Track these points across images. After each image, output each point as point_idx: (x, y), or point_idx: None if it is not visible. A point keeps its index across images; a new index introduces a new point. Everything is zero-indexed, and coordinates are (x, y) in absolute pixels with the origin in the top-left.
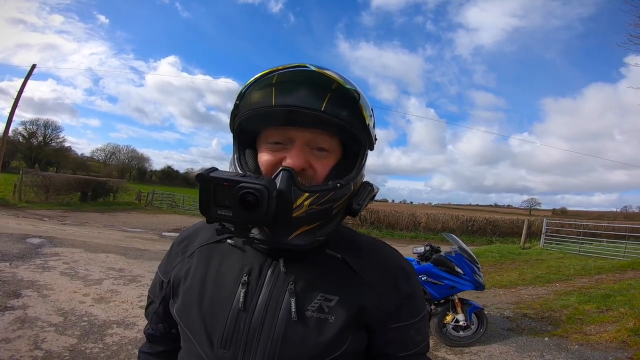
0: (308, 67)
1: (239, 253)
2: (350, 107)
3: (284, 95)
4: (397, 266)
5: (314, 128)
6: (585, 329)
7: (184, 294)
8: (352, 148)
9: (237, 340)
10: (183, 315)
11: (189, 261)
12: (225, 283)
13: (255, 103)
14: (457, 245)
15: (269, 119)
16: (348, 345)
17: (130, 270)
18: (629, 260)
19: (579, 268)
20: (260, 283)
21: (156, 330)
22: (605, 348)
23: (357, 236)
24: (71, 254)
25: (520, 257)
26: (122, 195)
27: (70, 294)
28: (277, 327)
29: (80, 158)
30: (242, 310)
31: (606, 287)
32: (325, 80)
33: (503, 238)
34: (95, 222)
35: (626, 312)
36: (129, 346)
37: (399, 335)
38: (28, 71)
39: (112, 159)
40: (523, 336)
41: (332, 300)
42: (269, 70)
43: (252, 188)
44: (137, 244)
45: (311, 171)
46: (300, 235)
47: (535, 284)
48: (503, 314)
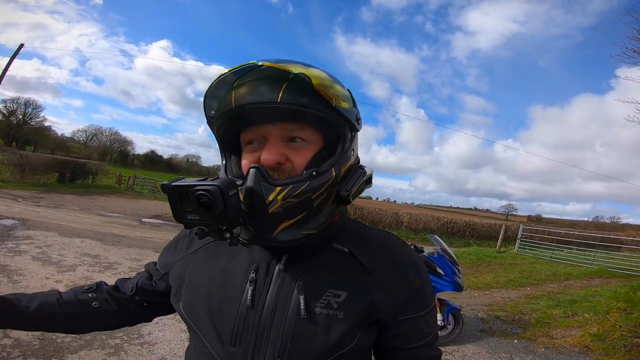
0: (257, 63)
1: (246, 250)
2: (309, 92)
3: (242, 96)
4: (408, 260)
5: (281, 121)
6: (552, 333)
7: (190, 292)
8: (330, 133)
9: (246, 337)
10: (191, 312)
11: (192, 258)
12: (233, 280)
13: (219, 109)
14: (440, 246)
15: (238, 121)
16: (357, 341)
17: (107, 256)
18: (597, 267)
19: (549, 273)
20: (268, 280)
21: (123, 285)
22: (569, 352)
23: (364, 229)
24: (45, 237)
25: (495, 260)
26: (102, 178)
27: (42, 280)
28: (287, 324)
29: (60, 138)
30: (250, 308)
31: (573, 292)
32: (278, 72)
33: (480, 241)
34: (72, 204)
35: (590, 317)
36: (103, 335)
37: (408, 328)
38: (15, 50)
39: (93, 140)
40: (494, 338)
41: (341, 296)
42: (220, 75)
43: (203, 190)
44: (115, 230)
45: (289, 164)
46: (285, 231)
47: (508, 287)
48: (477, 315)
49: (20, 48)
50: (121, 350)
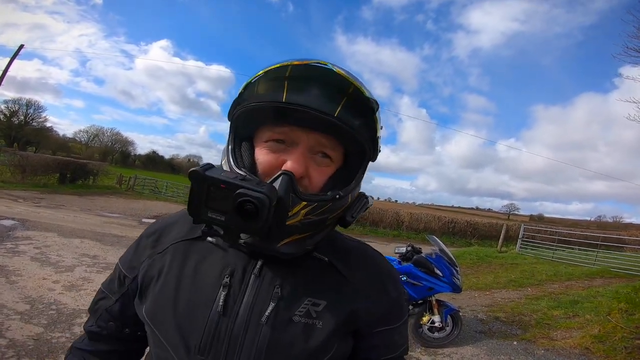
0: (327, 64)
1: (220, 252)
2: (364, 117)
3: (297, 92)
4: (385, 271)
5: (320, 133)
6: (552, 334)
7: (156, 295)
8: (355, 157)
9: (217, 346)
10: (155, 318)
11: (161, 258)
12: (204, 284)
13: (263, 95)
14: (438, 247)
15: (275, 115)
16: (335, 351)
17: (105, 257)
18: (599, 268)
19: (550, 274)
20: (244, 286)
21: (102, 329)
22: (569, 354)
23: (343, 240)
24: (44, 238)
25: (496, 260)
26: (103, 178)
27: (40, 281)
28: (262, 334)
29: (61, 139)
30: (223, 315)
31: (575, 293)
32: (342, 83)
33: (482, 241)
34: (72, 205)
35: (591, 318)
36: None
37: (384, 339)
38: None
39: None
40: (494, 339)
41: (320, 304)
42: (283, 63)
43: (252, 196)
44: (114, 230)
45: (307, 180)
46: (290, 244)
47: (509, 287)
48: (477, 316)
49: (20, 49)
50: None
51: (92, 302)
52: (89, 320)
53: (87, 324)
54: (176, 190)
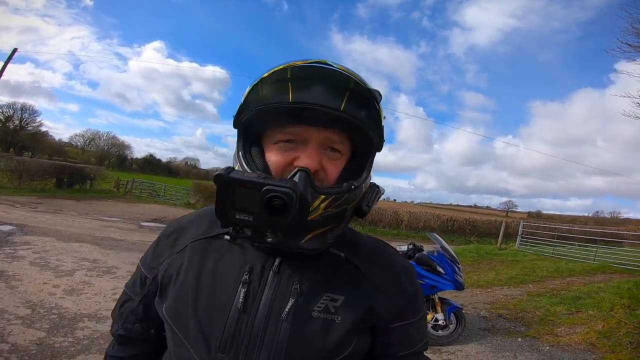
0: (327, 63)
1: (238, 250)
2: (368, 108)
3: (301, 92)
4: (402, 267)
5: (329, 128)
6: (556, 331)
7: (176, 294)
8: (363, 150)
9: (237, 343)
10: (175, 316)
11: (180, 257)
12: (224, 282)
13: (269, 98)
14: (440, 244)
15: (284, 116)
16: (354, 346)
17: (105, 261)
18: (599, 263)
19: (551, 270)
20: (263, 283)
21: (130, 332)
22: (574, 350)
23: (358, 235)
24: (42, 243)
25: (496, 257)
26: (100, 182)
27: (40, 285)
28: (282, 330)
29: (57, 143)
30: (243, 312)
31: (576, 289)
32: (344, 78)
33: (481, 238)
34: (70, 209)
35: (595, 314)
36: (101, 340)
37: (401, 335)
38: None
39: (91, 145)
40: (498, 336)
41: (338, 300)
42: (284, 65)
43: (279, 192)
44: (113, 234)
45: (322, 173)
46: (313, 239)
47: (510, 284)
48: (479, 313)
49: (13, 52)
50: None
51: (116, 305)
52: (114, 325)
53: (114, 328)
54: (174, 193)
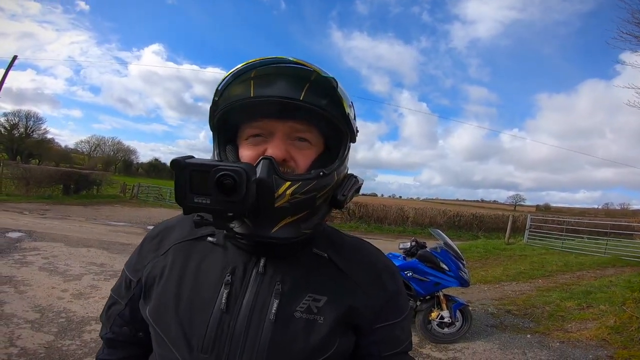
0: (286, 60)
1: (221, 251)
2: (329, 96)
3: (263, 88)
4: (383, 266)
5: (293, 119)
6: (566, 326)
7: (158, 295)
8: (334, 139)
9: (220, 344)
10: (158, 317)
11: (163, 259)
12: (206, 283)
13: (233, 96)
14: (443, 241)
15: (248, 112)
16: (337, 347)
17: (112, 265)
18: (610, 256)
19: (561, 264)
20: (245, 283)
21: (118, 335)
22: (585, 346)
23: (341, 236)
24: (51, 248)
25: (504, 252)
26: (107, 188)
27: (49, 290)
28: (265, 330)
29: (63, 150)
30: (225, 312)
31: (587, 283)
32: (303, 71)
33: (488, 233)
34: (78, 215)
35: (606, 309)
36: None
37: (385, 335)
38: (9, 62)
39: (96, 151)
40: (506, 333)
41: (321, 300)
42: (245, 64)
43: (229, 170)
44: (120, 238)
45: (292, 163)
46: (285, 228)
47: (519, 279)
48: (487, 310)
49: (14, 60)
50: None
51: (104, 308)
52: (103, 328)
53: (102, 331)
54: None
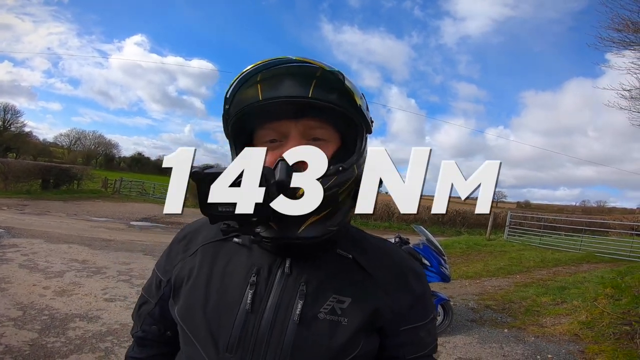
0: (290, 59)
1: (247, 252)
2: (337, 90)
3: (270, 90)
4: (409, 268)
5: (305, 118)
6: (541, 321)
7: (187, 295)
8: (349, 134)
9: (244, 344)
10: (186, 317)
11: (191, 260)
12: (232, 284)
13: (243, 102)
14: (425, 237)
15: (260, 115)
16: (361, 349)
17: (95, 261)
18: (584, 253)
19: (538, 260)
20: (270, 284)
21: (148, 333)
22: (559, 340)
23: (366, 237)
24: (30, 245)
25: (485, 248)
26: (87, 182)
27: (30, 287)
28: (289, 331)
29: (42, 144)
30: (250, 313)
31: (562, 279)
32: (308, 69)
33: (471, 229)
34: (58, 211)
35: (579, 304)
36: (93, 340)
37: (410, 338)
38: None
39: (77, 144)
40: (485, 327)
41: (345, 302)
42: (250, 68)
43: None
44: (102, 234)
45: None
46: (310, 227)
47: (498, 275)
48: (468, 305)
49: None
50: (111, 353)
51: (135, 307)
52: (134, 327)
53: (133, 330)
54: (165, 191)
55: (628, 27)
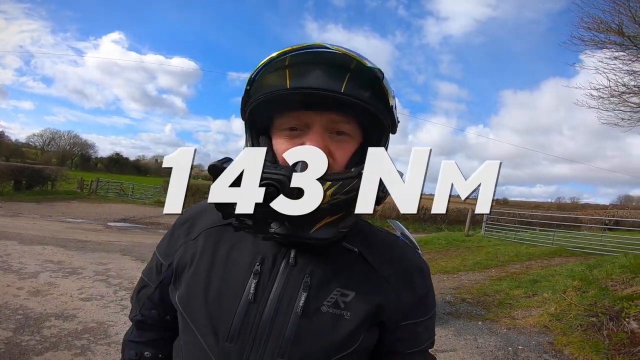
0: (324, 46)
1: (251, 239)
2: (372, 88)
3: (299, 78)
4: (415, 265)
5: (332, 111)
6: (513, 314)
7: (188, 282)
8: (374, 132)
9: (245, 334)
10: (186, 304)
11: (194, 244)
12: (235, 272)
13: (267, 87)
14: (400, 231)
15: (284, 104)
16: (361, 342)
17: (70, 262)
18: (556, 247)
19: (512, 254)
20: (274, 274)
21: (147, 317)
22: (529, 332)
23: (374, 230)
24: (3, 246)
25: (464, 244)
26: (62, 184)
27: (3, 288)
28: (290, 323)
29: (14, 144)
30: (253, 303)
31: (534, 272)
32: (343, 60)
33: (451, 226)
34: (31, 212)
35: (549, 297)
36: (69, 337)
37: (409, 333)
38: None
39: (51, 145)
40: (460, 320)
41: (349, 295)
42: (281, 52)
43: (272, 179)
44: (78, 235)
45: (331, 159)
46: (324, 228)
47: (475, 269)
48: (445, 298)
49: None
50: (88, 350)
51: (134, 291)
52: (132, 310)
53: (132, 313)
54: (144, 192)
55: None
